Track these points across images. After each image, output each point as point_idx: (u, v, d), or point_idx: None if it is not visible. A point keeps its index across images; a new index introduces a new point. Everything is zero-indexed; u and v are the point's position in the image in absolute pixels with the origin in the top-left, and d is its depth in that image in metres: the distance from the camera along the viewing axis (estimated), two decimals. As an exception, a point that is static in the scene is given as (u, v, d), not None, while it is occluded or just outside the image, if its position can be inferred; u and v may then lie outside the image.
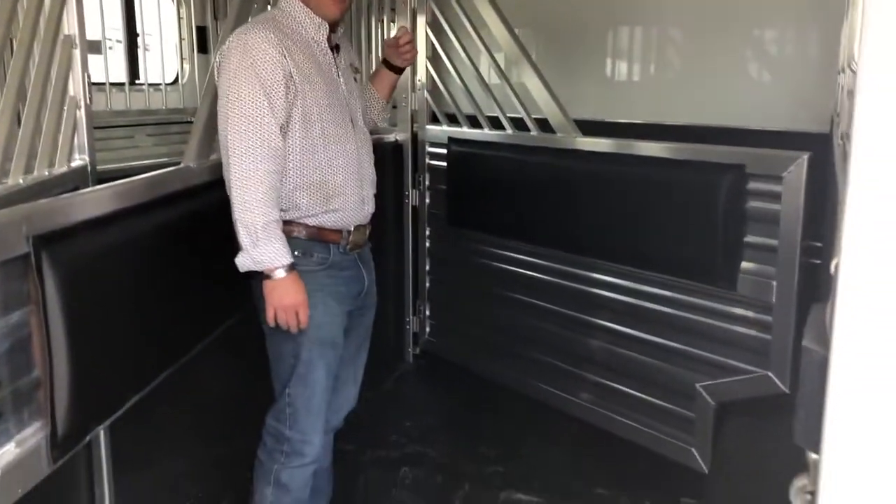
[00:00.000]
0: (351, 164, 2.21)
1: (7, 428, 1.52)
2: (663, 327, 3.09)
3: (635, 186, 3.07)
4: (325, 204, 2.16)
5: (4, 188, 1.83)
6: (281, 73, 2.01)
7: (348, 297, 2.27)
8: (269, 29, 2.05)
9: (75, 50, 2.22)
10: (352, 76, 2.34)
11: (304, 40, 2.15)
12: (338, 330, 2.23)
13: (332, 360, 2.23)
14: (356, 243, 2.28)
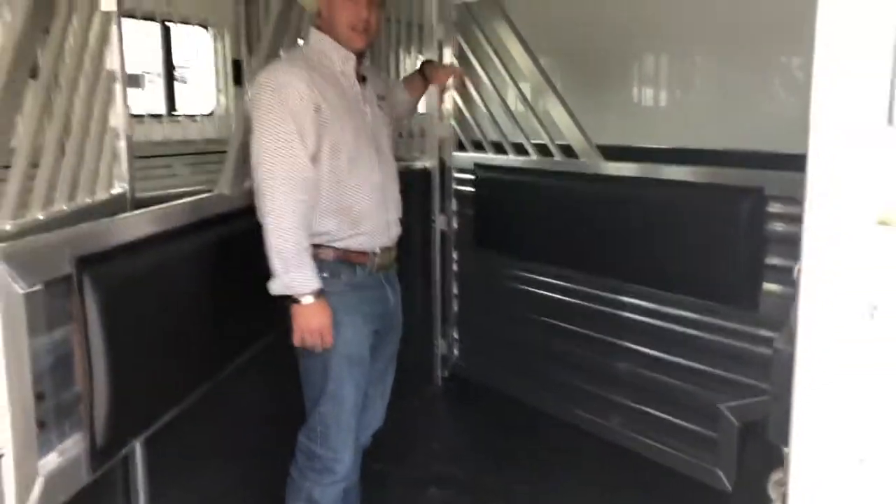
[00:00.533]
0: (376, 190, 2.29)
1: (50, 438, 1.62)
2: (687, 348, 3.11)
3: (657, 209, 3.11)
4: (352, 228, 2.24)
5: (49, 214, 1.94)
6: (311, 105, 2.10)
7: (374, 317, 2.34)
8: (299, 64, 2.17)
9: (116, 84, 2.35)
10: (378, 105, 2.43)
11: (332, 73, 2.25)
12: (365, 348, 2.30)
13: (359, 377, 2.30)
14: (382, 265, 2.35)
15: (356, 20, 2.21)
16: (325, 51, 2.27)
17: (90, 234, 1.80)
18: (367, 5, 2.22)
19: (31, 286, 1.53)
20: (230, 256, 2.34)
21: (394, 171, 2.43)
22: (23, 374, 1.51)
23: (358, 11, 2.21)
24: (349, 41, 2.25)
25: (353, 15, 2.21)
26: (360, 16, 2.21)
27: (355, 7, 2.21)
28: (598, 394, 3.52)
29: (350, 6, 2.21)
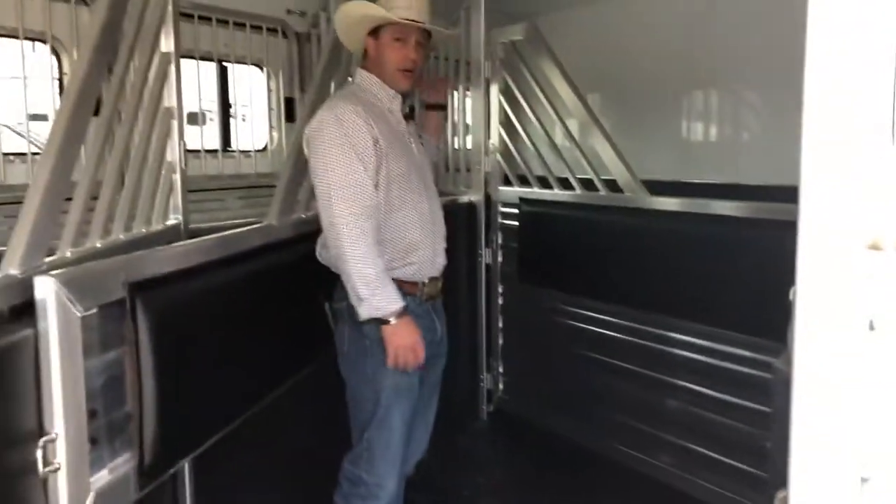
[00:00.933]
0: (425, 221, 2.37)
1: (101, 456, 1.68)
2: (736, 385, 3.06)
3: (703, 244, 3.10)
4: (403, 258, 2.32)
5: (107, 242, 2.03)
6: (370, 139, 2.20)
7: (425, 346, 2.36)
8: (354, 101, 2.26)
9: (173, 121, 2.46)
10: (420, 141, 2.53)
11: (380, 111, 2.34)
12: (414, 377, 2.34)
13: (407, 406, 2.34)
14: (430, 294, 2.41)
15: (405, 62, 2.31)
16: (373, 90, 2.37)
17: (143, 261, 1.88)
18: (415, 47, 2.32)
19: (87, 309, 1.61)
20: (277, 285, 2.40)
21: (439, 203, 2.51)
22: (77, 392, 1.58)
23: (407, 53, 2.31)
24: (397, 82, 2.35)
25: (402, 57, 2.31)
26: (409, 57, 2.31)
27: (404, 49, 2.31)
28: (644, 431, 3.48)
29: (399, 48, 2.31)
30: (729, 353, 3.10)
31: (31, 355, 1.52)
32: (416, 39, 2.33)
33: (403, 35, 2.30)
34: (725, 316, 3.03)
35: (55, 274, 1.55)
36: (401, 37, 2.31)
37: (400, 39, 2.31)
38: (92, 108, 1.96)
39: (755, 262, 2.90)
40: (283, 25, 4.14)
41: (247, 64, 4.03)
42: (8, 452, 1.47)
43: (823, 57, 0.64)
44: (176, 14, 2.44)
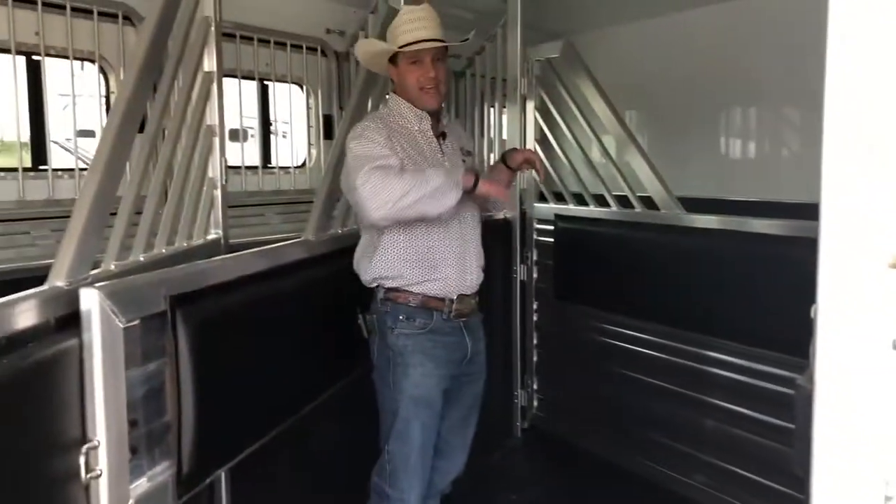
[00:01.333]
0: (452, 238, 2.38)
1: (141, 464, 1.73)
2: (777, 407, 3.01)
3: (740, 262, 3.07)
4: (428, 273, 2.35)
5: (149, 256, 2.09)
6: (392, 154, 2.24)
7: (448, 362, 2.40)
8: (378, 125, 2.32)
9: (215, 138, 2.52)
10: (460, 159, 2.52)
11: (409, 132, 2.40)
12: (434, 391, 2.36)
13: (427, 419, 2.36)
14: (460, 312, 2.41)
15: (424, 80, 2.36)
16: (403, 113, 2.43)
17: (184, 274, 1.93)
18: (432, 64, 2.35)
19: (129, 321, 1.66)
20: (314, 299, 2.44)
21: (476, 221, 2.52)
22: (119, 401, 1.63)
23: (424, 72, 2.35)
24: (421, 101, 2.40)
25: (420, 76, 2.36)
26: (428, 75, 2.35)
27: (422, 69, 2.35)
28: (679, 449, 3.44)
29: (416, 69, 2.36)
30: (767, 373, 3.05)
31: (76, 365, 1.57)
32: (432, 57, 2.36)
33: (416, 57, 2.35)
34: (763, 334, 2.99)
35: (100, 286, 1.61)
36: (415, 59, 2.36)
37: (415, 62, 2.36)
38: (137, 125, 2.03)
39: (793, 280, 2.84)
40: (322, 45, 4.22)
41: (287, 82, 4.11)
42: (53, 458, 1.51)
43: (844, 75, 0.65)
44: (219, 34, 2.51)
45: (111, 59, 3.32)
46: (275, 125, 4.21)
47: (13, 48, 2.96)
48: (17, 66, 3.00)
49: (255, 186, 4.02)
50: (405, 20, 2.36)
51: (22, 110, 3.04)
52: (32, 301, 1.52)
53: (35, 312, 1.51)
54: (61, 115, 3.23)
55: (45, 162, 3.13)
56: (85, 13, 3.17)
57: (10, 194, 3.02)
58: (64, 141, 3.28)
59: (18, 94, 3.00)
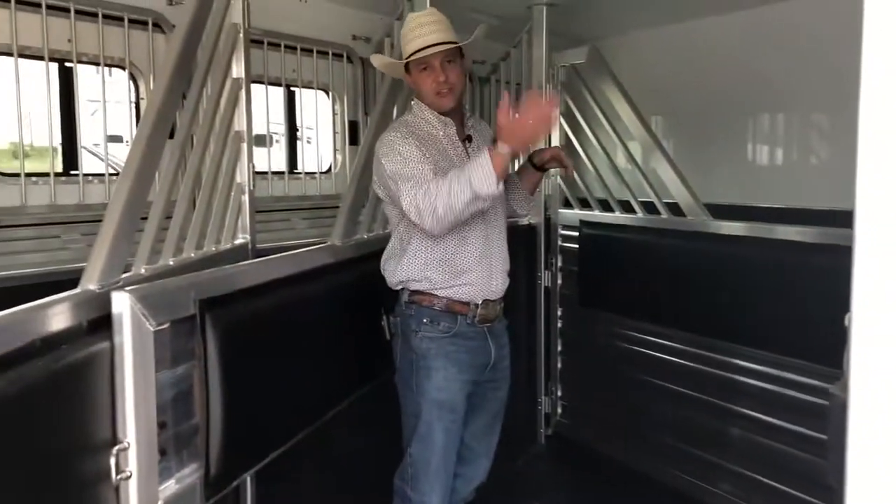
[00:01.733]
0: (478, 243, 2.38)
1: (169, 466, 1.75)
2: (803, 415, 2.98)
3: (768, 269, 3.05)
4: (453, 279, 2.35)
5: (178, 261, 2.12)
6: (423, 160, 2.26)
7: (471, 367, 2.40)
8: (404, 133, 2.34)
9: (243, 144, 2.55)
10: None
11: (434, 138, 2.40)
12: (457, 395, 2.36)
13: (450, 423, 2.36)
14: (485, 317, 2.41)
15: (436, 85, 2.35)
16: (427, 119, 2.43)
17: (213, 279, 1.96)
18: (441, 67, 2.34)
19: (160, 324, 1.68)
20: (339, 303, 2.46)
21: (502, 226, 2.51)
22: (148, 403, 1.65)
23: (436, 77, 2.35)
24: (438, 105, 2.40)
25: (433, 82, 2.36)
26: (439, 79, 2.34)
27: (433, 74, 2.35)
28: (704, 458, 3.42)
29: (429, 75, 2.36)
30: (793, 381, 3.03)
31: (108, 367, 1.60)
32: (442, 59, 2.34)
33: (426, 63, 2.35)
34: (790, 342, 2.97)
35: (131, 290, 1.63)
36: (425, 65, 2.36)
37: (426, 68, 2.36)
38: (168, 131, 2.06)
39: (820, 288, 2.82)
40: (348, 51, 4.25)
41: (313, 88, 4.14)
42: (85, 459, 1.54)
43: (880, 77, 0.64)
44: (247, 41, 2.54)
45: (141, 66, 3.36)
46: (301, 131, 4.23)
47: (46, 55, 3.01)
48: (50, 72, 3.05)
49: (282, 192, 4.05)
50: (411, 27, 2.36)
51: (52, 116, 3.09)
52: (66, 304, 1.54)
53: (68, 315, 1.54)
54: (89, 120, 3.28)
55: (77, 167, 3.19)
56: (116, 20, 3.22)
57: (42, 199, 3.07)
58: (91, 146, 3.32)
59: (51, 100, 3.06)
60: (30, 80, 3.02)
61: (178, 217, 2.14)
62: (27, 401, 1.37)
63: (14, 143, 3.16)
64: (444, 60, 2.35)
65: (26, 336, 1.41)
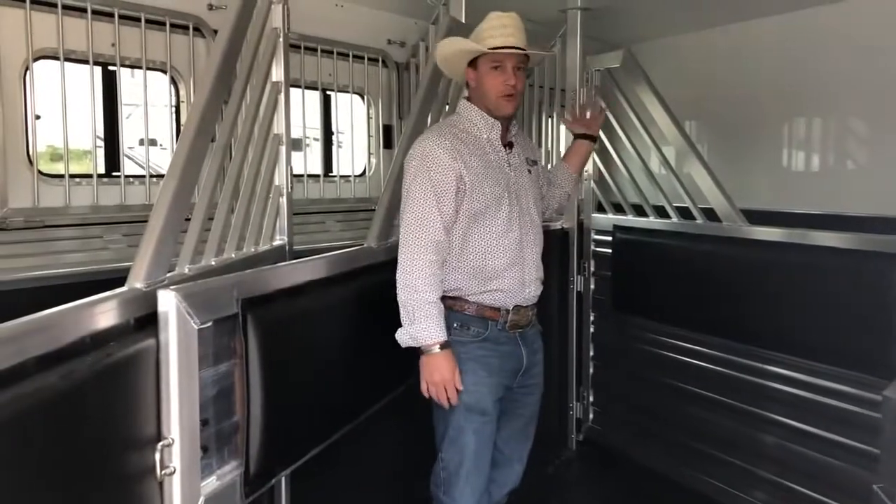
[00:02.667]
0: (512, 251, 2.38)
1: (211, 463, 1.78)
2: (838, 423, 2.96)
3: (804, 275, 3.02)
4: (484, 285, 2.36)
5: (219, 261, 2.15)
6: (452, 175, 2.28)
7: (502, 371, 2.40)
8: (445, 135, 2.34)
9: (282, 146, 2.58)
10: (525, 169, 2.52)
11: (478, 141, 2.40)
12: (487, 398, 2.36)
13: (480, 426, 2.35)
14: (516, 323, 2.41)
15: (505, 87, 2.34)
16: (474, 120, 2.42)
17: (254, 279, 1.99)
18: (513, 71, 2.34)
19: (203, 323, 1.71)
20: (375, 305, 2.47)
21: (537, 233, 2.50)
22: (192, 401, 1.68)
23: (506, 79, 2.33)
24: (499, 108, 2.38)
25: (501, 83, 2.34)
26: (509, 83, 2.33)
27: (503, 76, 2.34)
28: (738, 465, 3.39)
29: (498, 75, 2.34)
30: (829, 389, 3.00)
31: (153, 364, 1.63)
32: (514, 64, 2.35)
33: (500, 62, 2.34)
34: (825, 350, 2.95)
35: (176, 288, 1.66)
36: (498, 64, 2.34)
37: (497, 67, 2.35)
38: (211, 134, 2.09)
39: (857, 295, 2.81)
40: (383, 55, 4.28)
41: (348, 92, 4.18)
42: (130, 454, 1.57)
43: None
44: (286, 45, 2.57)
45: (181, 70, 3.42)
46: (336, 135, 4.27)
47: (91, 58, 3.08)
48: (94, 76, 3.12)
49: (317, 194, 4.09)
50: (494, 25, 2.35)
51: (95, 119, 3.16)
52: (114, 302, 1.58)
53: (116, 313, 1.57)
54: (126, 123, 3.34)
55: (118, 168, 3.25)
56: (158, 25, 3.29)
57: (84, 200, 3.13)
58: (126, 149, 3.39)
59: (94, 103, 3.12)
60: (73, 84, 3.09)
61: (219, 218, 2.18)
62: (77, 396, 1.40)
63: (52, 147, 3.23)
64: (516, 66, 2.36)
65: (77, 332, 1.45)
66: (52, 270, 2.85)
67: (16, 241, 2.91)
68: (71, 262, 2.98)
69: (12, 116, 2.93)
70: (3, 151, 2.88)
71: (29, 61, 2.94)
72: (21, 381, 1.26)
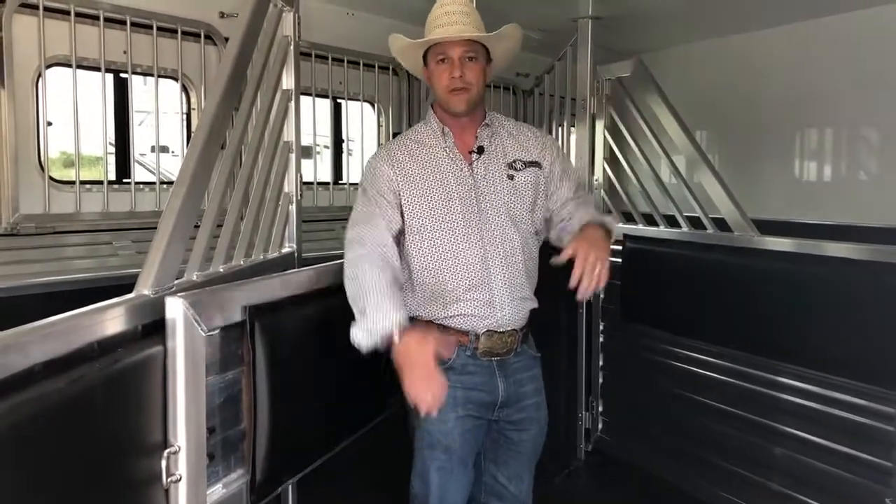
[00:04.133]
0: (472, 270, 2.14)
1: (217, 470, 1.77)
2: (852, 436, 2.92)
3: (817, 287, 2.99)
4: (443, 309, 2.16)
5: (228, 268, 2.15)
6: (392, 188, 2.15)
7: (469, 404, 2.16)
8: (394, 146, 2.24)
9: (292, 154, 2.59)
10: (504, 175, 2.22)
11: (430, 150, 2.20)
12: (450, 435, 2.15)
13: (445, 464, 2.15)
14: (488, 350, 2.16)
15: (450, 81, 2.13)
16: (432, 128, 2.24)
17: (262, 286, 1.99)
18: (459, 62, 2.12)
19: (210, 330, 1.71)
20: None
21: (511, 248, 2.19)
22: (199, 408, 1.68)
23: (451, 71, 2.13)
24: (450, 104, 2.17)
25: (446, 77, 2.14)
26: (453, 74, 2.12)
27: (448, 68, 2.14)
28: (749, 478, 3.35)
29: (444, 68, 2.15)
30: (842, 401, 2.96)
31: (160, 371, 1.63)
32: (461, 54, 2.12)
33: (444, 54, 2.13)
34: (838, 362, 2.91)
35: (184, 295, 1.67)
36: (443, 57, 2.14)
37: (443, 60, 2.14)
38: (221, 141, 2.10)
39: (870, 308, 2.78)
40: (394, 64, 4.30)
41: (359, 100, 4.20)
42: (136, 461, 1.56)
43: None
44: (297, 53, 2.58)
45: (192, 77, 3.44)
46: (346, 143, 4.28)
47: (103, 66, 3.10)
48: (106, 83, 3.14)
49: (327, 202, 4.10)
50: (436, 14, 2.17)
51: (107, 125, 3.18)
52: (122, 308, 1.58)
53: (124, 319, 1.57)
54: (138, 130, 3.36)
55: (129, 175, 3.27)
56: (169, 32, 3.31)
57: (95, 206, 3.15)
58: (138, 156, 3.41)
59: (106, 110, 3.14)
60: (85, 91, 3.11)
61: (228, 225, 2.17)
62: (85, 402, 1.39)
63: (64, 153, 3.25)
64: (465, 56, 2.12)
65: (84, 339, 1.44)
66: (61, 276, 2.86)
67: (26, 246, 2.92)
68: (81, 268, 2.99)
69: (24, 123, 2.95)
70: (14, 158, 2.90)
71: (41, 68, 2.97)
72: (28, 387, 1.25)
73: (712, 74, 4.70)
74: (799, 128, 4.48)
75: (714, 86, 4.67)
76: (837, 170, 4.35)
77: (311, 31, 2.93)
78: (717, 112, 4.70)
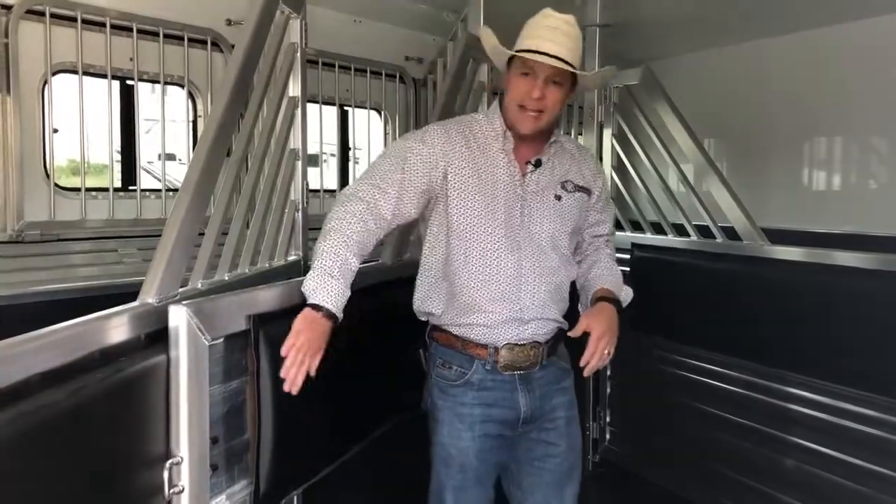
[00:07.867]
0: (501, 282, 2.02)
1: (220, 481, 1.75)
2: (864, 448, 2.88)
3: (827, 296, 2.96)
4: (459, 317, 2.06)
5: (233, 276, 2.13)
6: (432, 168, 1.99)
7: (488, 422, 2.07)
8: (453, 128, 2.06)
9: (298, 161, 2.57)
10: (552, 194, 2.09)
11: (489, 147, 2.05)
12: (466, 453, 2.07)
13: (460, 484, 2.08)
14: (510, 364, 2.05)
15: (525, 98, 1.95)
16: (494, 123, 2.07)
17: (267, 295, 1.96)
18: (543, 81, 1.94)
19: (214, 339, 1.69)
20: (389, 323, 2.44)
21: (550, 266, 2.08)
22: (202, 418, 1.66)
23: (529, 89, 1.94)
24: (516, 122, 2.00)
25: (523, 93, 1.96)
26: (531, 94, 1.94)
27: (527, 84, 1.95)
28: (760, 490, 3.31)
29: (522, 83, 1.97)
30: (853, 412, 2.93)
31: (163, 380, 1.61)
32: (549, 77, 1.94)
33: (530, 69, 1.94)
34: (850, 372, 2.88)
35: (187, 304, 1.64)
36: (528, 71, 1.95)
37: (527, 74, 1.95)
38: (226, 149, 2.08)
39: (882, 317, 2.75)
40: (401, 72, 4.29)
41: (366, 108, 4.19)
42: (138, 471, 1.54)
43: None
44: (304, 61, 2.56)
45: (199, 84, 3.43)
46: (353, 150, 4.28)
47: (109, 73, 3.09)
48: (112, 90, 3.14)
49: (332, 210, 4.08)
50: (541, 24, 1.97)
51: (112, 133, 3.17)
52: (125, 316, 1.56)
53: (127, 328, 1.55)
54: (145, 138, 3.36)
55: (134, 183, 3.26)
56: (175, 39, 3.30)
57: (100, 213, 3.14)
58: (145, 163, 3.40)
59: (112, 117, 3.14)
60: (90, 98, 3.11)
61: (233, 233, 2.16)
62: (87, 411, 1.38)
63: (73, 161, 3.25)
64: (551, 79, 1.94)
65: (87, 348, 1.43)
66: (66, 284, 2.85)
67: (31, 254, 2.91)
68: (86, 275, 2.98)
69: (30, 130, 2.95)
70: (20, 165, 2.89)
71: (48, 75, 2.96)
72: (28, 398, 1.24)
73: (721, 82, 4.67)
74: (808, 136, 4.45)
75: (722, 94, 4.64)
76: (847, 178, 4.31)
77: (317, 39, 2.92)
78: (725, 120, 4.67)
